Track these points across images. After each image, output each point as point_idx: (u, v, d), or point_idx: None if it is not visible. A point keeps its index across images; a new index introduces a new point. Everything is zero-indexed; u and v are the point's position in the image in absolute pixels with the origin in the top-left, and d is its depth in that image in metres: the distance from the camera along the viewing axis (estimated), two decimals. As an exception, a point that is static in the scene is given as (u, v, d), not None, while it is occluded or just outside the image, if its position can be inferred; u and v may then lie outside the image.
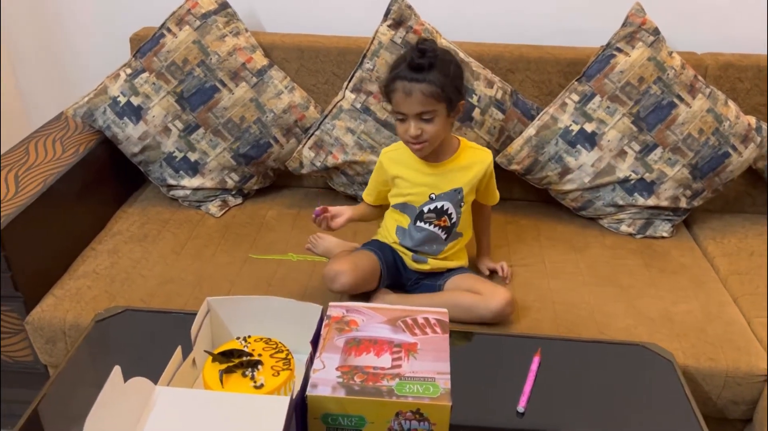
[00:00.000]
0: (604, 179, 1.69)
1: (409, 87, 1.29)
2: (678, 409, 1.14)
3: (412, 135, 1.32)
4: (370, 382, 0.97)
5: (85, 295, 1.46)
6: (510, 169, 1.75)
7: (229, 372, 1.07)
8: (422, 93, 1.28)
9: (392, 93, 1.32)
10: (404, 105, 1.30)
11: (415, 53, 1.29)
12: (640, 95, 1.65)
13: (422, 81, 1.28)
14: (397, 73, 1.30)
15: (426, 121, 1.31)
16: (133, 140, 1.73)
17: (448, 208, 1.41)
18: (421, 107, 1.29)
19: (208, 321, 1.18)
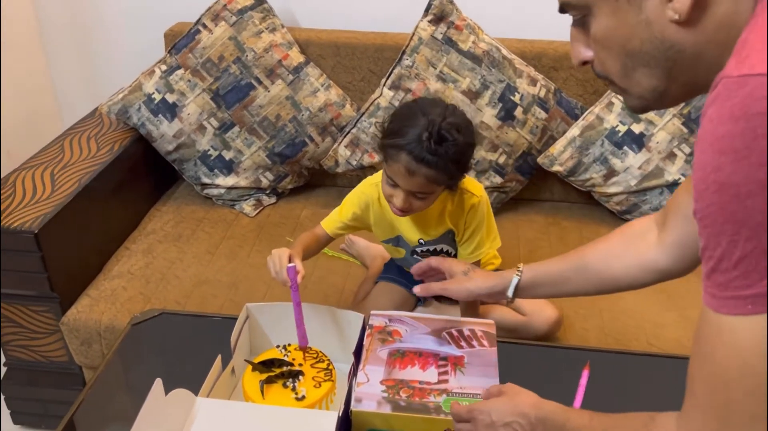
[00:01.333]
0: (651, 182, 1.63)
1: (415, 167, 1.09)
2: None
3: (398, 207, 1.15)
4: (417, 398, 0.93)
5: (120, 296, 1.44)
6: (552, 170, 1.70)
7: (269, 383, 1.04)
8: (426, 178, 1.10)
9: (391, 160, 1.11)
10: (402, 180, 1.12)
11: (435, 136, 1.07)
12: (691, 94, 1.59)
13: (431, 166, 1.08)
14: (405, 145, 1.09)
15: (418, 198, 1.15)
16: (168, 138, 1.71)
17: (442, 248, 1.28)
18: (419, 188, 1.13)
19: (247, 327, 1.15)
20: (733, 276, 0.50)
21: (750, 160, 0.46)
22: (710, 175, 0.49)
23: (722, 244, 0.49)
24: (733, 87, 0.48)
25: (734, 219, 0.48)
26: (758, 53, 0.48)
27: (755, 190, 0.46)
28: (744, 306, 0.50)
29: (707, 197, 0.49)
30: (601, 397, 1.12)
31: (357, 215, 1.27)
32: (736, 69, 0.48)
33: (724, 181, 0.48)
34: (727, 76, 0.49)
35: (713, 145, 0.48)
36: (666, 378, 1.17)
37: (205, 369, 1.04)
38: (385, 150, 1.14)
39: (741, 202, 0.47)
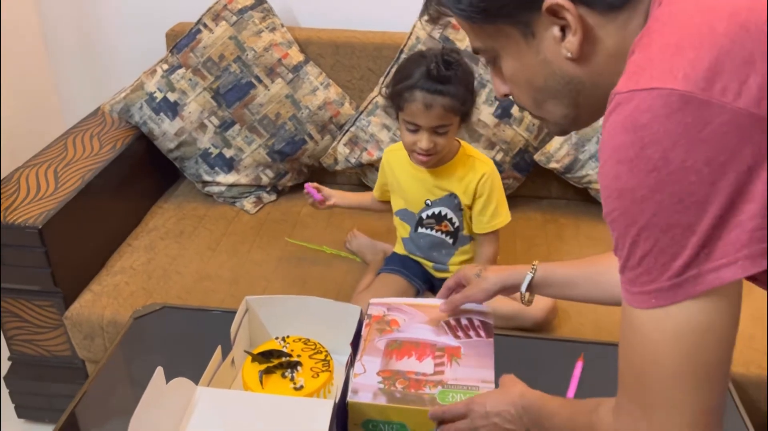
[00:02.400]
0: (646, 178, 1.65)
1: (430, 99, 1.21)
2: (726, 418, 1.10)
3: (424, 148, 1.25)
4: (412, 389, 0.95)
5: (122, 291, 1.46)
6: (549, 167, 1.72)
7: (268, 373, 1.06)
8: (443, 107, 1.21)
9: (407, 102, 1.23)
10: (421, 117, 1.23)
11: (441, 64, 1.21)
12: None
13: (445, 94, 1.21)
14: (416, 83, 1.21)
15: (439, 134, 1.25)
16: (170, 136, 1.73)
17: (446, 213, 1.35)
18: (439, 121, 1.23)
19: (246, 320, 1.17)
20: (638, 273, 0.54)
21: (640, 167, 0.51)
22: (612, 183, 0.53)
23: (626, 245, 0.53)
24: (623, 101, 0.52)
25: (633, 221, 0.52)
26: (643, 70, 0.52)
27: (647, 194, 0.51)
28: (649, 301, 0.54)
29: (611, 203, 0.54)
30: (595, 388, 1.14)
31: (382, 178, 1.44)
32: (625, 85, 0.53)
33: (622, 187, 0.52)
34: (618, 92, 0.53)
35: (612, 156, 0.53)
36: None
37: (206, 362, 1.06)
38: (397, 98, 1.25)
39: (637, 206, 0.51)
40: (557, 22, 0.60)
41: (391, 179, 1.40)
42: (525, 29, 0.62)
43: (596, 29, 0.60)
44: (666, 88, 0.50)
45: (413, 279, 1.39)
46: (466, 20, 0.65)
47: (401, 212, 1.40)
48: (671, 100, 0.49)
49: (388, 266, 1.42)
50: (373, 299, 1.11)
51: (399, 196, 1.39)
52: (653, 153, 0.50)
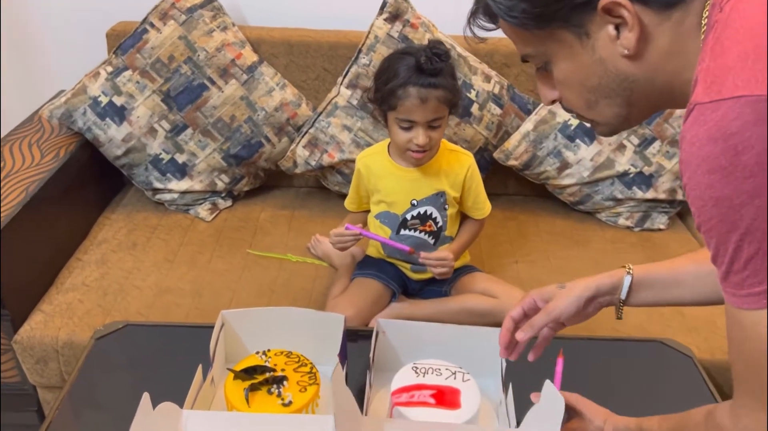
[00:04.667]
0: (603, 173, 1.69)
1: (425, 93, 1.22)
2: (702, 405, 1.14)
3: (421, 143, 1.25)
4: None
5: (77, 310, 1.37)
6: (508, 164, 1.73)
7: (253, 390, 1.01)
8: (437, 99, 1.23)
9: (400, 100, 1.23)
10: (417, 113, 1.23)
11: (432, 57, 1.22)
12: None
13: (438, 86, 1.22)
14: (408, 79, 1.22)
15: (434, 128, 1.26)
16: (117, 142, 1.63)
17: (431, 213, 1.36)
18: (434, 114, 1.24)
19: (222, 335, 1.12)
20: (745, 276, 0.56)
21: (735, 174, 0.52)
22: (705, 192, 0.54)
23: (729, 251, 0.55)
24: (707, 112, 0.53)
25: (734, 227, 0.54)
26: (723, 79, 0.53)
27: (746, 200, 0.52)
28: (760, 301, 0.56)
29: (706, 212, 0.55)
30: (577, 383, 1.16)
31: (358, 186, 1.40)
32: (706, 95, 0.54)
33: (718, 195, 0.54)
34: (699, 103, 0.55)
35: (700, 166, 0.54)
36: (633, 360, 1.22)
37: (178, 381, 1.00)
38: (389, 99, 1.24)
39: (736, 212, 0.53)
40: (612, 20, 0.61)
41: (370, 185, 1.37)
42: (579, 30, 0.63)
43: (651, 27, 0.61)
44: (753, 95, 0.51)
45: (389, 282, 1.37)
46: (519, 27, 0.65)
47: (382, 215, 1.37)
48: (759, 106, 0.50)
49: (363, 270, 1.39)
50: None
51: (380, 199, 1.37)
52: (748, 159, 0.51)
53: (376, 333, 1.05)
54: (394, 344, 1.08)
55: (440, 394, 0.98)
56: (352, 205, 1.44)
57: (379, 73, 1.28)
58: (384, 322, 1.07)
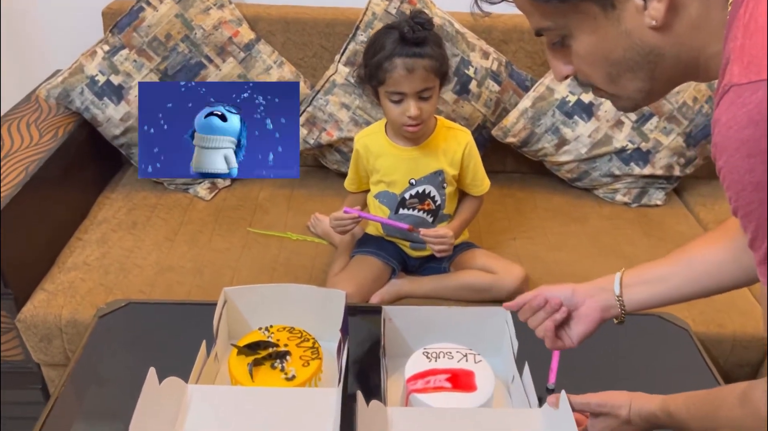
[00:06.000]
0: (601, 149, 1.70)
1: (411, 63, 1.22)
2: (699, 377, 1.16)
3: (413, 115, 1.24)
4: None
5: (79, 289, 1.38)
6: (506, 141, 1.74)
7: (257, 365, 1.03)
8: (425, 69, 1.22)
9: (388, 72, 1.23)
10: (405, 83, 1.23)
11: (414, 26, 1.22)
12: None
13: (423, 56, 1.22)
14: (392, 51, 1.22)
15: (424, 99, 1.26)
16: (115, 122, 1.63)
17: (430, 191, 1.36)
18: (423, 84, 1.24)
19: (225, 312, 1.13)
20: None
21: None
22: (744, 177, 0.53)
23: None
24: (745, 93, 0.51)
25: None
26: (762, 59, 0.51)
27: None
28: None
29: (746, 196, 0.54)
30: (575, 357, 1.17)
31: (357, 167, 1.40)
32: (744, 76, 0.52)
33: (758, 180, 0.52)
34: (736, 84, 0.52)
35: (739, 150, 0.52)
36: (631, 334, 1.23)
37: (181, 357, 1.01)
38: (376, 72, 1.24)
39: None
40: None
41: (369, 165, 1.37)
42: (604, 1, 0.61)
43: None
44: None
45: (389, 259, 1.38)
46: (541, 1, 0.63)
47: (381, 195, 1.38)
48: None
49: (362, 248, 1.40)
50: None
51: (379, 179, 1.37)
52: None
53: (383, 321, 1.07)
54: (402, 329, 1.09)
55: (455, 378, 1.00)
56: (352, 186, 1.43)
57: (367, 49, 1.28)
58: (390, 309, 1.08)
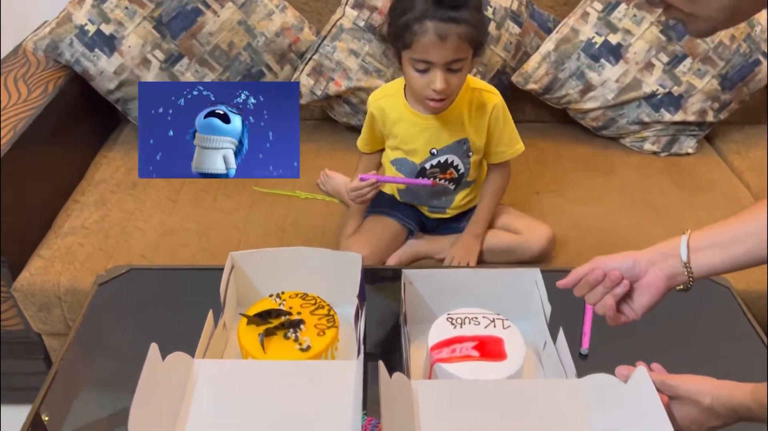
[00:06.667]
0: (629, 95, 1.58)
1: (444, 29, 1.04)
2: (742, 336, 1.08)
3: (438, 89, 1.08)
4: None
5: (78, 255, 1.30)
6: (527, 88, 1.62)
7: (269, 335, 0.95)
8: (459, 37, 1.05)
9: (416, 36, 1.05)
10: (434, 52, 1.06)
11: None
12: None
13: (460, 21, 1.04)
14: (424, 11, 1.04)
15: (453, 71, 1.09)
16: (108, 75, 1.53)
17: (453, 161, 1.23)
18: (454, 54, 1.06)
19: (233, 278, 1.05)
20: None
21: None
22: None
23: None
24: None
25: None
26: None
27: None
28: None
29: None
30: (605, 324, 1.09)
31: (372, 129, 1.26)
32: None
33: None
34: None
35: None
36: (671, 294, 1.15)
37: (188, 326, 0.94)
38: (402, 34, 1.07)
39: None
40: None
41: (385, 129, 1.24)
42: None
43: None
44: None
45: (405, 220, 1.29)
46: None
47: (398, 162, 1.26)
48: None
49: (377, 208, 1.31)
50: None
51: (396, 145, 1.24)
52: None
53: (403, 285, 0.98)
54: (423, 294, 1.01)
55: (482, 345, 0.92)
56: (366, 146, 1.29)
57: (393, 5, 1.11)
58: (410, 272, 0.99)
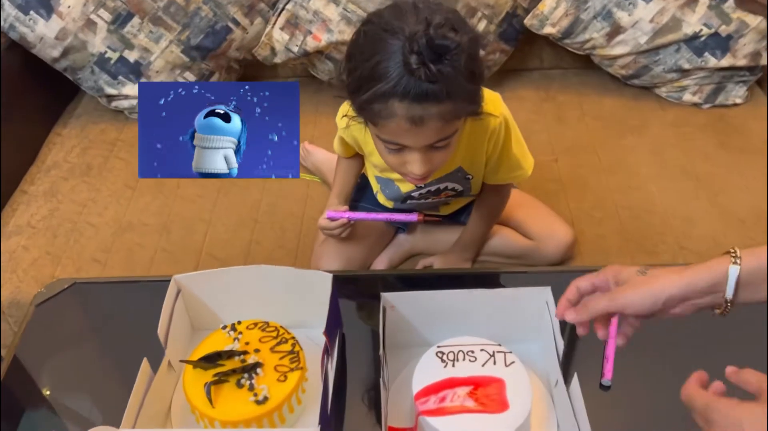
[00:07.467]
0: (666, 37, 1.32)
1: (420, 111, 0.74)
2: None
3: (418, 173, 0.82)
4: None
5: (21, 260, 1.14)
6: (543, 33, 1.37)
7: (219, 384, 0.79)
8: (441, 118, 0.76)
9: (380, 118, 0.77)
10: (409, 138, 0.79)
11: (427, 53, 0.71)
12: None
13: (441, 97, 0.73)
14: (392, 88, 0.73)
15: (438, 148, 0.81)
16: (49, 41, 1.31)
17: (448, 186, 0.99)
18: (436, 136, 0.79)
19: (182, 304, 0.87)
20: None
21: None
22: None
23: None
24: None
25: None
26: None
27: None
28: None
29: None
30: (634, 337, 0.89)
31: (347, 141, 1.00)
32: None
33: None
34: None
35: None
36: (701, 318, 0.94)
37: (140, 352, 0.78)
38: (364, 109, 0.79)
39: None
40: None
41: (364, 151, 0.99)
42: None
43: None
44: None
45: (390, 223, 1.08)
46: None
47: (383, 182, 1.02)
48: None
49: (360, 203, 1.09)
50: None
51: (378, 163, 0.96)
52: None
53: (383, 310, 0.79)
54: (408, 318, 0.82)
55: (479, 391, 0.74)
56: (343, 152, 1.03)
57: (353, 58, 0.78)
58: (390, 296, 0.80)
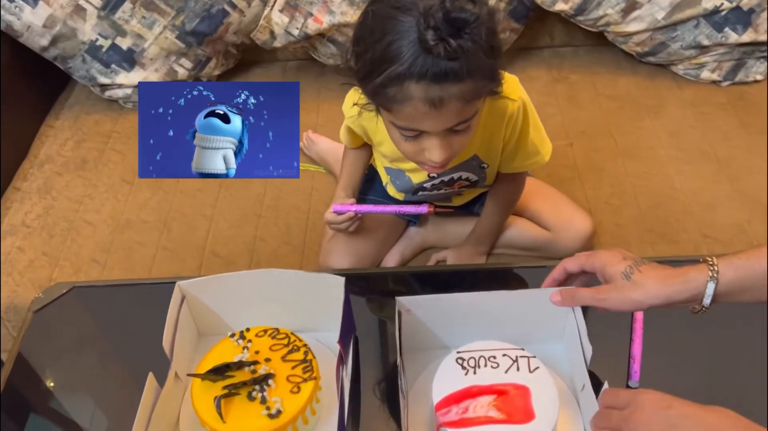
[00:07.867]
0: (684, 13, 1.26)
1: (438, 93, 0.69)
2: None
3: (438, 160, 0.77)
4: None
5: (17, 263, 1.10)
6: (555, 9, 1.31)
7: (229, 397, 0.75)
8: (461, 98, 0.71)
9: (395, 102, 0.72)
10: (426, 122, 0.73)
11: (445, 28, 0.65)
12: None
13: (461, 76, 0.68)
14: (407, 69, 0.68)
15: (457, 132, 0.76)
16: (37, 30, 1.25)
17: (461, 175, 0.94)
18: (456, 119, 0.73)
19: (187, 311, 0.83)
20: None
21: None
22: None
23: None
24: None
25: None
26: None
27: None
28: None
29: None
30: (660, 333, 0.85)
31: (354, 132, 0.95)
32: None
33: None
34: None
35: None
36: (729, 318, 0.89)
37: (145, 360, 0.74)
38: (377, 94, 0.73)
39: None
40: None
41: (373, 141, 0.94)
42: None
43: None
44: None
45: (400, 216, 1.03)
46: None
47: (393, 173, 0.97)
48: None
49: (370, 194, 1.04)
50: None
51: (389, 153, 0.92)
52: None
53: (398, 314, 0.75)
54: (424, 321, 0.78)
55: (504, 400, 0.70)
56: (350, 143, 0.99)
57: (361, 39, 0.72)
58: (406, 300, 0.75)
